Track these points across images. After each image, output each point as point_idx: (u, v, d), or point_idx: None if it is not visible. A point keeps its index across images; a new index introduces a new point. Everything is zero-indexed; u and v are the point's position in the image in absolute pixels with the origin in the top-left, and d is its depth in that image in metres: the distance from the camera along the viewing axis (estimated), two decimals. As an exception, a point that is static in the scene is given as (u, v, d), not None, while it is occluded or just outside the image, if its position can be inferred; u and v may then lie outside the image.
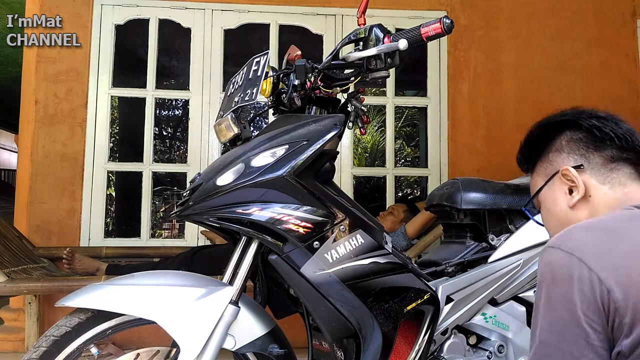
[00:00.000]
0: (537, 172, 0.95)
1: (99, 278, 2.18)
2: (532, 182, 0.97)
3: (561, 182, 0.89)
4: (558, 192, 0.90)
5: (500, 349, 1.40)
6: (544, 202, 0.94)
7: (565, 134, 0.90)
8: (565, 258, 0.70)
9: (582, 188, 0.85)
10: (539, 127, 0.96)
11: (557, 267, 0.70)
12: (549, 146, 0.92)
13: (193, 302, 1.09)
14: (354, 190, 3.27)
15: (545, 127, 0.94)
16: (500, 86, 3.06)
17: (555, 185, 0.90)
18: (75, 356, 1.12)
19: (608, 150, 0.86)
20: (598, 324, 0.66)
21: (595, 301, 0.66)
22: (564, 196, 0.88)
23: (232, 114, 1.18)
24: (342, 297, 1.12)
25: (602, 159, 0.86)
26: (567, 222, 0.86)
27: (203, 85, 2.95)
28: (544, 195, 0.93)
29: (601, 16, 3.15)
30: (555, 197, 0.90)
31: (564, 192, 0.88)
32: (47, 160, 2.78)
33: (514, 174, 1.46)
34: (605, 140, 0.86)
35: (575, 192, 0.86)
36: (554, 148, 0.91)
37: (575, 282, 0.67)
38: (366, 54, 1.12)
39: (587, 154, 0.87)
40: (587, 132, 0.88)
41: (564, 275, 0.69)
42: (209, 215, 1.11)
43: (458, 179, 1.53)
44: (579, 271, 0.67)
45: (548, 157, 0.92)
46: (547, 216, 0.94)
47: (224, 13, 2.99)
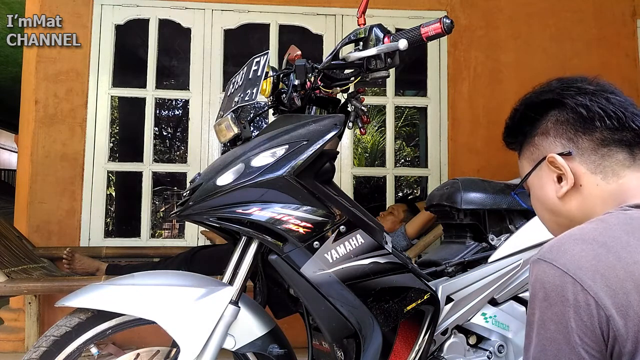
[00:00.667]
0: (524, 155, 0.86)
1: (99, 278, 2.18)
2: (520, 165, 0.89)
3: (549, 169, 0.80)
4: (546, 180, 0.81)
5: (500, 349, 1.40)
6: (532, 188, 0.86)
7: (551, 114, 0.81)
8: (557, 276, 0.64)
9: (571, 178, 0.77)
10: (523, 105, 0.86)
11: (549, 285, 0.65)
12: (534, 128, 0.83)
13: (193, 302, 1.09)
14: (354, 190, 3.27)
15: (529, 107, 0.84)
16: (500, 86, 3.06)
17: (543, 172, 0.81)
18: (75, 356, 1.12)
19: (598, 132, 0.76)
20: (596, 350, 0.61)
21: (593, 328, 0.61)
22: (552, 185, 0.80)
23: (232, 114, 1.18)
24: (342, 297, 1.12)
25: (592, 143, 0.76)
26: (557, 212, 0.81)
27: (203, 85, 2.95)
28: (532, 182, 0.85)
29: (601, 16, 3.15)
30: (543, 185, 0.82)
31: (552, 179, 0.80)
32: (47, 160, 2.78)
33: (514, 174, 1.46)
34: (594, 121, 0.76)
35: (564, 181, 0.78)
36: (539, 130, 0.82)
37: (571, 305, 0.62)
38: (366, 54, 1.12)
39: (575, 137, 0.77)
40: (574, 112, 0.78)
41: (558, 296, 0.63)
42: (209, 215, 1.11)
43: (458, 179, 1.53)
44: (573, 293, 0.62)
45: (534, 141, 0.83)
46: (536, 203, 0.86)
47: (224, 13, 2.99)
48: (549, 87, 0.84)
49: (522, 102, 0.86)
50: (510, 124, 0.88)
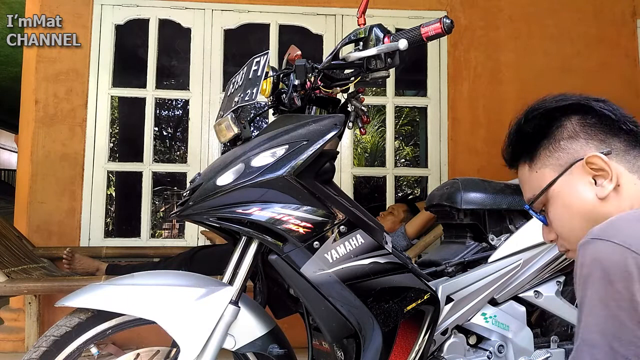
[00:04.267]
0: (542, 163, 0.83)
1: (99, 278, 2.18)
2: (531, 177, 0.85)
3: (583, 172, 0.78)
4: (578, 183, 0.78)
5: (500, 349, 1.40)
6: (557, 198, 0.82)
7: (573, 118, 0.81)
8: (618, 253, 0.62)
9: (616, 176, 0.76)
10: (538, 113, 0.84)
11: (608, 262, 0.63)
12: (556, 133, 0.81)
13: (193, 302, 1.09)
14: (354, 190, 3.27)
15: (550, 112, 0.83)
16: (500, 86, 3.06)
17: (574, 176, 0.79)
18: (75, 356, 1.12)
19: (623, 135, 0.78)
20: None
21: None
22: (589, 187, 0.77)
23: (232, 114, 1.18)
24: (342, 297, 1.12)
25: (623, 144, 0.78)
26: (595, 216, 0.77)
27: (203, 85, 2.95)
28: (558, 190, 0.81)
29: (601, 16, 3.14)
30: (576, 190, 0.79)
31: (588, 182, 0.78)
32: (47, 160, 2.78)
33: (514, 174, 1.46)
34: (620, 123, 0.78)
35: (607, 180, 0.76)
36: (565, 135, 0.80)
37: (636, 280, 0.60)
38: (366, 54, 1.12)
39: (606, 139, 0.78)
40: (600, 115, 0.79)
41: (620, 272, 0.62)
42: (209, 215, 1.11)
43: (458, 179, 1.53)
44: (637, 267, 0.61)
45: (559, 146, 0.81)
46: (564, 212, 0.82)
47: (224, 13, 2.99)
48: (565, 96, 0.84)
49: (533, 111, 0.85)
50: (522, 132, 0.86)
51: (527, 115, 0.86)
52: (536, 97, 0.88)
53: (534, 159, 0.85)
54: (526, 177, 0.87)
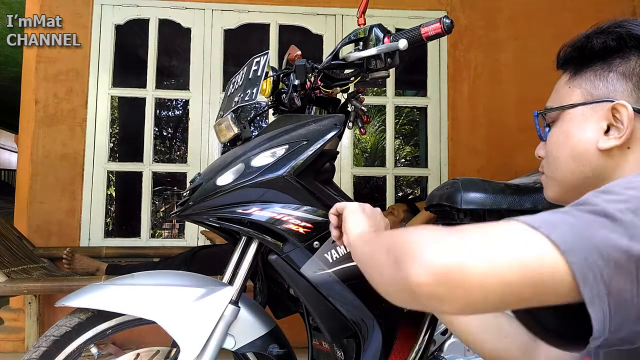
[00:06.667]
0: (580, 83, 0.74)
1: (99, 278, 2.18)
2: (562, 88, 0.78)
3: (603, 113, 0.70)
4: (591, 121, 0.71)
5: (500, 349, 1.39)
6: (566, 122, 0.75)
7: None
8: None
9: (627, 136, 0.67)
10: (615, 33, 0.73)
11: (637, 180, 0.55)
12: (614, 63, 0.71)
13: (193, 302, 1.09)
14: (354, 190, 3.27)
15: (627, 38, 0.71)
16: (500, 86, 3.06)
17: (594, 112, 0.71)
18: (75, 356, 1.12)
19: None
20: None
21: None
22: (596, 131, 0.70)
23: (232, 114, 1.18)
24: (342, 297, 1.12)
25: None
26: (584, 161, 0.71)
27: (203, 85, 2.95)
28: (572, 116, 0.74)
29: (601, 16, 3.07)
30: (585, 125, 0.71)
31: (599, 126, 0.70)
32: (47, 160, 2.78)
33: (514, 174, 1.46)
34: None
35: (616, 133, 0.68)
36: (620, 69, 0.70)
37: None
38: (366, 54, 1.12)
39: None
40: None
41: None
42: (209, 215, 1.11)
43: (458, 179, 1.53)
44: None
45: (606, 75, 0.71)
46: (560, 139, 0.75)
47: (224, 13, 2.99)
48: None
49: (615, 27, 0.74)
50: (583, 43, 0.76)
51: (608, 27, 0.75)
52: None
53: (577, 74, 0.76)
54: (561, 85, 0.80)
